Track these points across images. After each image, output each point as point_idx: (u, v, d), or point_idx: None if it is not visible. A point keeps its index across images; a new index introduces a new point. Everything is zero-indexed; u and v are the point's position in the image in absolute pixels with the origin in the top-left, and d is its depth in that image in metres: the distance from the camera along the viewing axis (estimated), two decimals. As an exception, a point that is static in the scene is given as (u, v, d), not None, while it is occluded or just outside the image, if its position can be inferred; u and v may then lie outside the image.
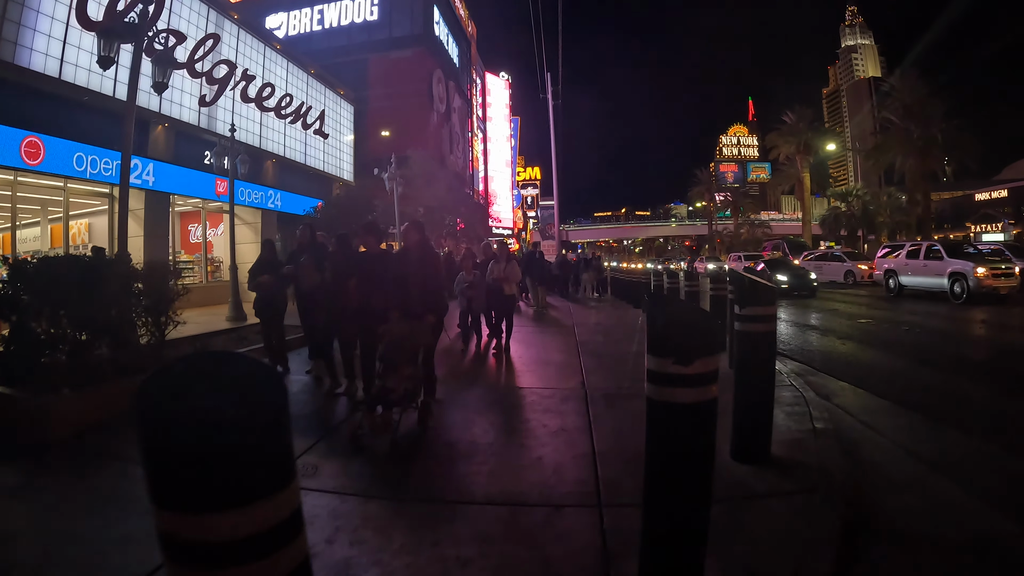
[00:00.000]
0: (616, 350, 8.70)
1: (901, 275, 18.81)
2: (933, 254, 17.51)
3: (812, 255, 29.64)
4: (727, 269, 36.70)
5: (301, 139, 24.12)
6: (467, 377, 7.07)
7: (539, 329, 11.94)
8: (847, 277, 25.95)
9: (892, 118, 36.01)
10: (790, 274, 20.37)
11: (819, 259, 28.33)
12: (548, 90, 35.54)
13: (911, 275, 18.35)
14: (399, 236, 19.14)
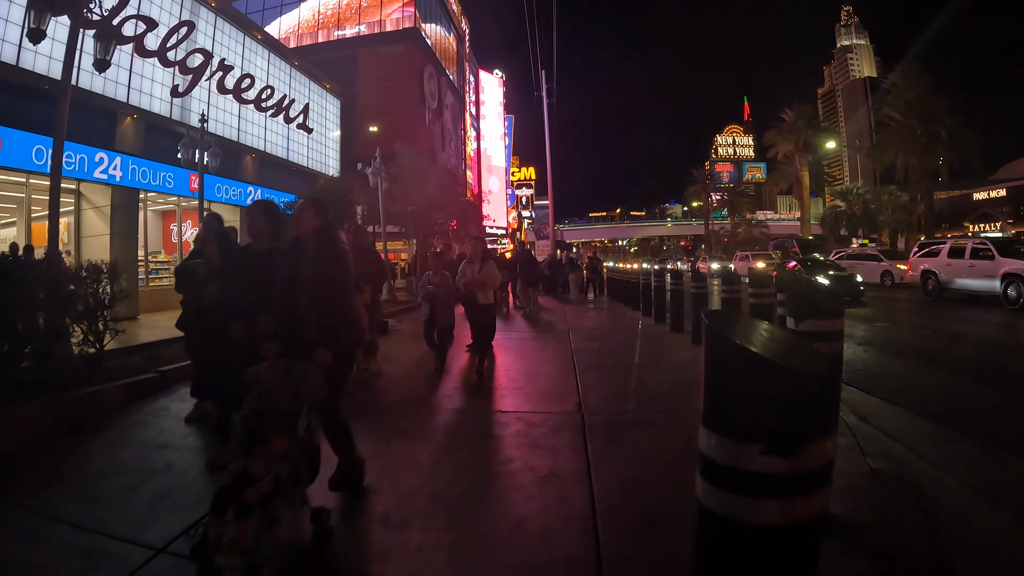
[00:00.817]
0: (616, 361, 7.69)
1: (942, 276, 16.91)
2: (981, 253, 15.66)
3: (842, 253, 26.53)
4: (732, 268, 35.05)
5: (283, 133, 23.08)
6: (433, 402, 5.82)
7: (530, 335, 10.94)
8: (884, 278, 23.50)
9: (894, 115, 35.15)
10: (833, 277, 17.24)
11: (852, 259, 25.35)
12: (543, 88, 34.97)
13: (954, 276, 16.50)
14: (383, 233, 18.14)
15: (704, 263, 44.61)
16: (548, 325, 12.36)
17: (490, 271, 7.08)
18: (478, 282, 7.05)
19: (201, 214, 14.52)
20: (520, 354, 8.63)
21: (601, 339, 9.80)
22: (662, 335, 10.18)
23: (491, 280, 7.09)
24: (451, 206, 21.74)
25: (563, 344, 9.14)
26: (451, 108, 42.98)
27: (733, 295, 7.52)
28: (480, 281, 7.05)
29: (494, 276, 7.11)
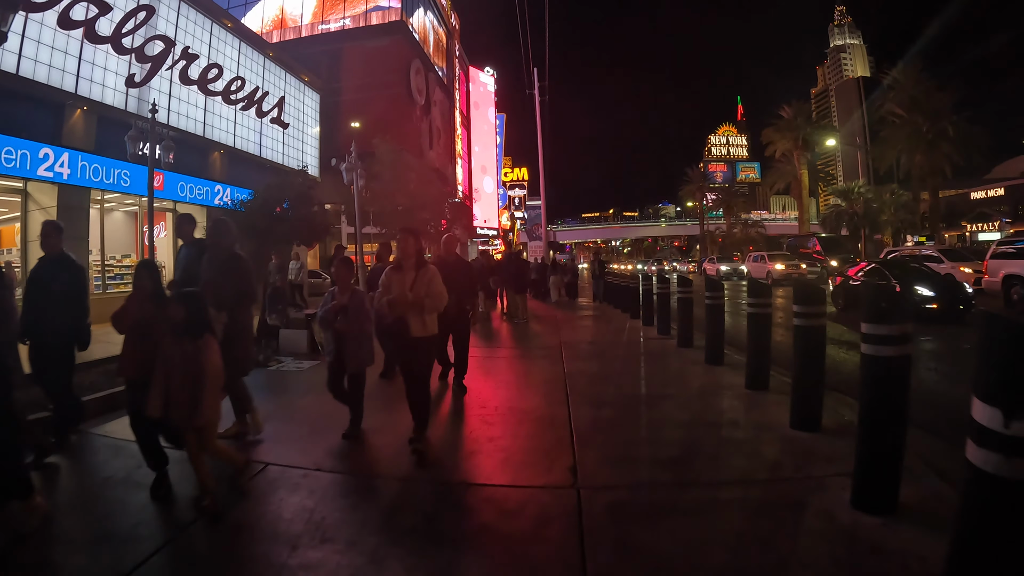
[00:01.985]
0: (619, 391, 6.28)
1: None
2: None
3: (894, 253, 22.32)
4: (744, 271, 33.42)
5: (255, 128, 21.57)
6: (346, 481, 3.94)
7: (516, 354, 9.49)
8: None
9: (898, 111, 34.01)
10: (933, 285, 12.51)
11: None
12: (535, 86, 33.94)
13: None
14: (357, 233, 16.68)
15: (711, 264, 41.81)
16: (537, 339, 10.92)
17: (430, 284, 4.39)
18: (409, 302, 4.32)
19: (151, 214, 12.98)
20: (501, 381, 7.17)
21: (599, 358, 8.34)
22: (669, 352, 8.76)
23: (432, 299, 4.37)
24: (437, 205, 20.29)
25: (554, 366, 7.69)
26: (440, 105, 41.52)
27: (761, 308, 6.08)
28: (412, 301, 4.32)
29: (436, 293, 4.38)
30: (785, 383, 6.20)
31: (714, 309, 7.56)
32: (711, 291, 7.63)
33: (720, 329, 7.59)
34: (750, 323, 6.10)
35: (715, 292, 7.62)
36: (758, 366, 6.08)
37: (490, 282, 12.49)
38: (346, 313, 4.75)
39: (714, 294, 7.62)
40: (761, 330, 6.03)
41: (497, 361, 8.67)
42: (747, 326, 6.16)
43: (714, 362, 7.50)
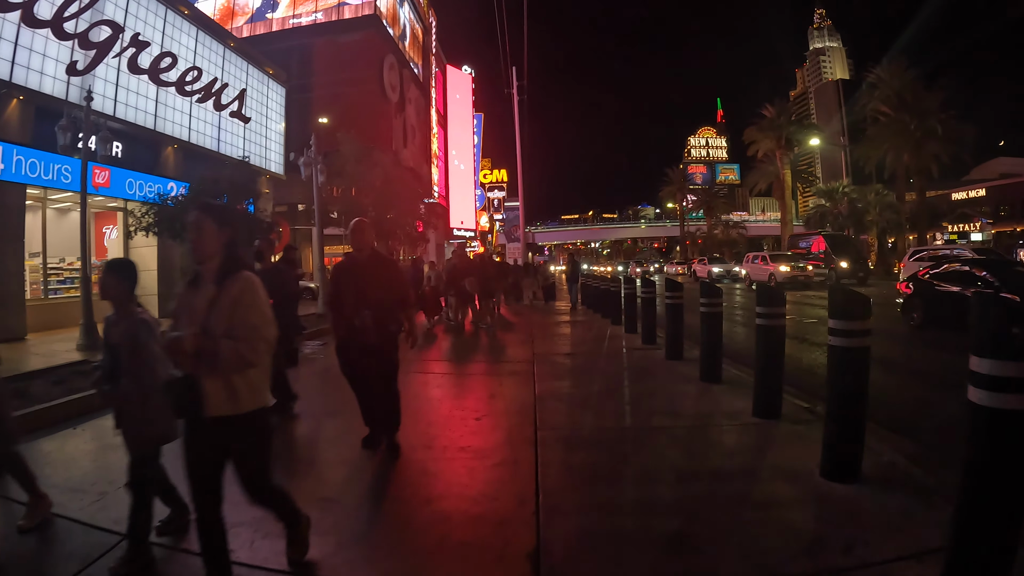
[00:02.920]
0: (603, 421, 5.21)
1: None
2: None
3: (921, 254, 19.85)
4: (741, 273, 30.57)
5: (213, 122, 20.23)
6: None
7: (479, 369, 8.38)
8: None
9: (885, 109, 33.43)
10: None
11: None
12: (513, 85, 33.16)
13: None
14: (318, 232, 15.49)
15: (702, 265, 39.20)
16: (507, 351, 9.83)
17: (235, 311, 2.40)
18: (188, 351, 2.32)
19: (84, 212, 11.67)
20: (456, 408, 6.01)
21: (576, 376, 7.23)
22: (656, 366, 7.70)
23: (236, 344, 2.35)
24: (408, 204, 19.11)
25: (522, 388, 6.57)
26: (415, 103, 40.28)
27: (773, 321, 5.00)
28: (193, 348, 2.32)
29: (246, 328, 2.38)
30: (800, 408, 5.16)
31: (711, 318, 6.49)
32: (707, 297, 6.56)
33: (718, 341, 6.52)
34: (761, 336, 5.05)
35: (712, 298, 6.55)
36: (769, 389, 5.02)
37: (466, 284, 11.34)
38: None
39: (711, 300, 6.55)
40: (773, 345, 4.98)
41: (456, 380, 7.55)
42: (757, 340, 5.10)
43: (711, 379, 6.45)
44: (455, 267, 11.99)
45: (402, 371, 4.70)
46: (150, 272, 17.92)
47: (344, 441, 4.71)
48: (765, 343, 5.00)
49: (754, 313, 5.15)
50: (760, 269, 27.16)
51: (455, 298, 12.19)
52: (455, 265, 12.24)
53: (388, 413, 4.58)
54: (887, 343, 9.28)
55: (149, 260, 17.79)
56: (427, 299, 11.87)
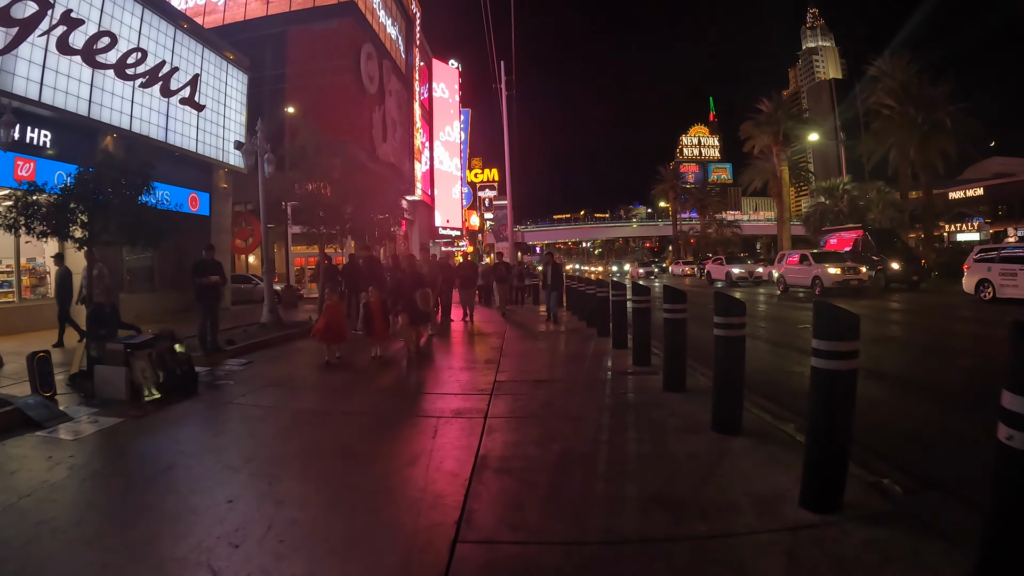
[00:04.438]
0: (583, 523, 3.36)
1: None
2: None
3: (992, 250, 16.63)
4: (776, 275, 24.81)
5: (160, 110, 18.27)
6: None
7: (409, 408, 6.49)
8: None
9: (889, 102, 31.75)
10: None
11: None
12: (501, 80, 31.76)
13: None
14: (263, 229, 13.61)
15: (718, 265, 33.45)
16: (465, 372, 7.97)
17: None
18: None
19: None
20: (344, 488, 4.14)
21: (543, 422, 5.36)
22: (652, 403, 5.93)
23: None
24: (376, 199, 17.22)
25: (462, 444, 4.72)
26: (397, 96, 38.30)
27: (841, 361, 3.20)
28: None
29: None
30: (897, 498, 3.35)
31: (731, 346, 4.68)
32: (727, 315, 4.72)
33: (738, 375, 4.73)
34: (823, 383, 3.24)
35: (731, 317, 4.72)
36: (832, 459, 3.23)
37: (417, 298, 9.05)
38: None
39: (730, 320, 4.72)
40: (841, 402, 3.19)
41: (376, 427, 5.57)
42: (814, 385, 3.29)
43: (727, 428, 4.71)
44: (404, 274, 9.39)
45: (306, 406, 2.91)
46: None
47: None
48: (827, 390, 3.22)
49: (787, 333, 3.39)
50: (801, 271, 22.39)
51: (403, 315, 9.01)
52: (405, 270, 9.51)
53: None
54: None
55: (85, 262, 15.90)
56: (372, 314, 9.14)
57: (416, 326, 9.23)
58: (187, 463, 4.54)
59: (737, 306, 4.72)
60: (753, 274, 30.70)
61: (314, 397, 6.82)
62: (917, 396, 6.57)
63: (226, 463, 4.45)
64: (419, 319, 9.26)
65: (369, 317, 9.09)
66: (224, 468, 4.34)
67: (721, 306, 4.72)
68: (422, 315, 9.29)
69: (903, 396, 6.55)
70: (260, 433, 5.33)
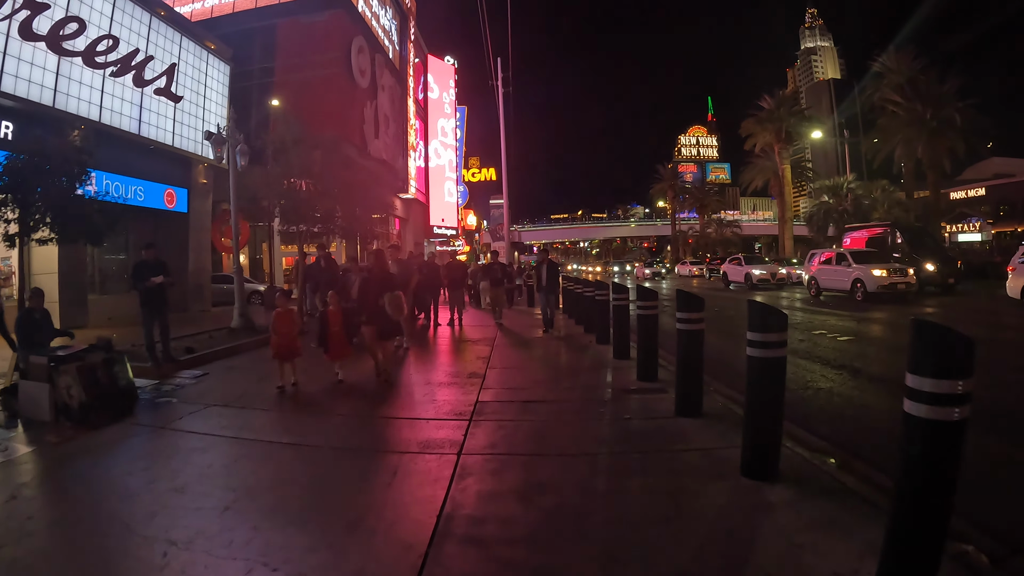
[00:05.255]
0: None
1: None
2: None
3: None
4: (806, 278, 22.53)
5: (133, 100, 17.24)
6: None
7: (382, 441, 5.45)
8: None
9: (896, 98, 30.79)
10: None
11: None
12: (498, 76, 30.97)
13: None
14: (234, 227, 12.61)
15: (736, 266, 29.78)
16: (441, 390, 6.97)
17: None
18: None
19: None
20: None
21: (532, 463, 4.33)
22: (662, 431, 4.95)
23: None
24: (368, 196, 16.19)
25: (423, 495, 3.73)
26: (390, 91, 37.28)
27: (950, 410, 2.25)
28: None
29: None
30: None
31: (770, 368, 3.70)
32: (762, 330, 3.73)
33: (777, 409, 3.75)
34: (929, 435, 2.29)
35: (770, 333, 3.73)
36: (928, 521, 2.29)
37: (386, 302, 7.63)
38: None
39: (769, 337, 3.73)
40: (947, 449, 2.25)
41: (325, 465, 4.58)
42: (905, 431, 2.35)
43: (760, 472, 3.74)
44: (369, 274, 7.69)
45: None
46: (49, 276, 15.06)
47: None
48: (932, 441, 2.26)
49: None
50: (838, 273, 19.92)
51: (369, 325, 7.33)
52: (371, 269, 7.80)
53: None
54: None
55: (50, 262, 14.94)
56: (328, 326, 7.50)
57: (385, 339, 7.42)
58: (79, 515, 3.57)
59: (776, 319, 3.73)
60: (776, 276, 27.41)
61: (261, 423, 5.79)
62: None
63: (125, 520, 3.48)
64: (388, 330, 7.42)
65: (325, 330, 7.44)
66: (121, 528, 3.37)
67: (757, 319, 3.74)
68: (392, 325, 7.46)
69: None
70: (182, 474, 4.34)
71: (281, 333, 7.09)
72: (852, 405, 6.22)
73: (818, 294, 20.91)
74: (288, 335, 7.12)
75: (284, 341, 7.08)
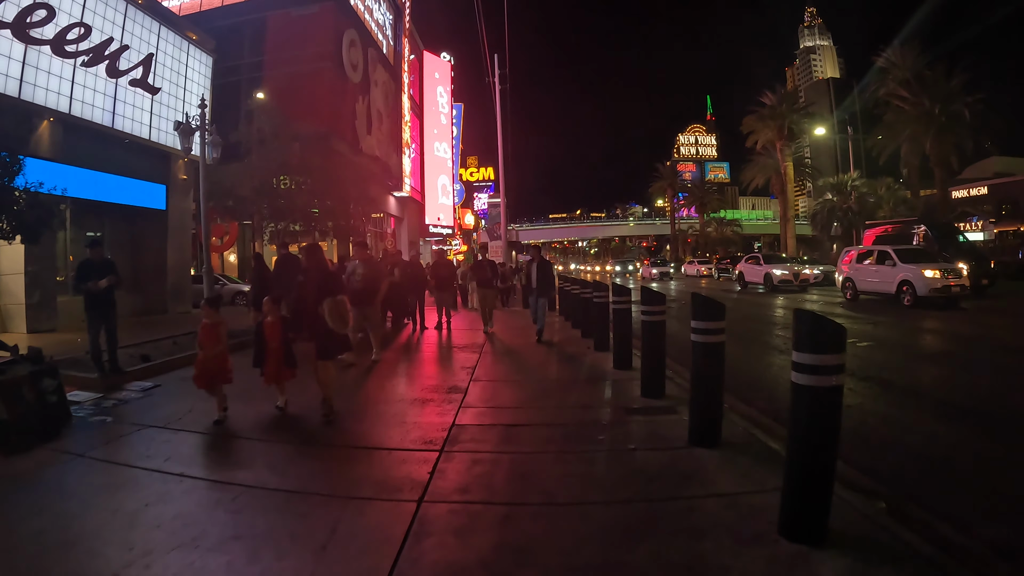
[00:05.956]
0: None
1: None
2: None
3: None
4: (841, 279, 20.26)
5: (107, 92, 16.35)
6: None
7: (322, 483, 4.55)
8: None
9: (903, 93, 29.94)
10: None
11: None
12: (494, 73, 30.33)
13: None
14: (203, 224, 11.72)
15: (753, 265, 27.05)
16: (412, 408, 6.07)
17: None
18: None
19: None
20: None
21: (512, 519, 3.43)
22: (675, 468, 4.09)
23: None
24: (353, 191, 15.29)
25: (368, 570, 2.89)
26: (383, 87, 36.38)
27: None
28: None
29: None
30: None
31: (824, 400, 2.84)
32: (814, 351, 2.85)
33: (830, 459, 2.89)
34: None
35: (823, 354, 2.84)
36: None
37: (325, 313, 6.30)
38: None
39: (823, 359, 2.84)
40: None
41: (217, 537, 3.77)
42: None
43: (814, 537, 2.86)
44: (308, 275, 6.04)
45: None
46: (16, 276, 14.22)
47: None
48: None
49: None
50: (880, 274, 17.77)
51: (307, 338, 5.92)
52: (309, 269, 6.08)
53: None
54: None
55: (16, 262, 14.09)
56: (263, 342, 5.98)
57: (326, 359, 5.75)
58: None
59: (832, 336, 2.86)
60: (799, 276, 24.76)
61: (190, 452, 4.86)
62: None
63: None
64: (329, 347, 5.75)
65: (261, 346, 5.97)
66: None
67: (807, 336, 2.87)
68: (334, 341, 5.72)
69: None
70: (79, 521, 3.48)
71: (206, 350, 5.74)
72: (934, 442, 5.10)
73: (854, 297, 18.98)
74: (214, 355, 5.74)
75: (208, 363, 5.69)
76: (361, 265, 8.54)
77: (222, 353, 5.84)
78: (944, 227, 22.72)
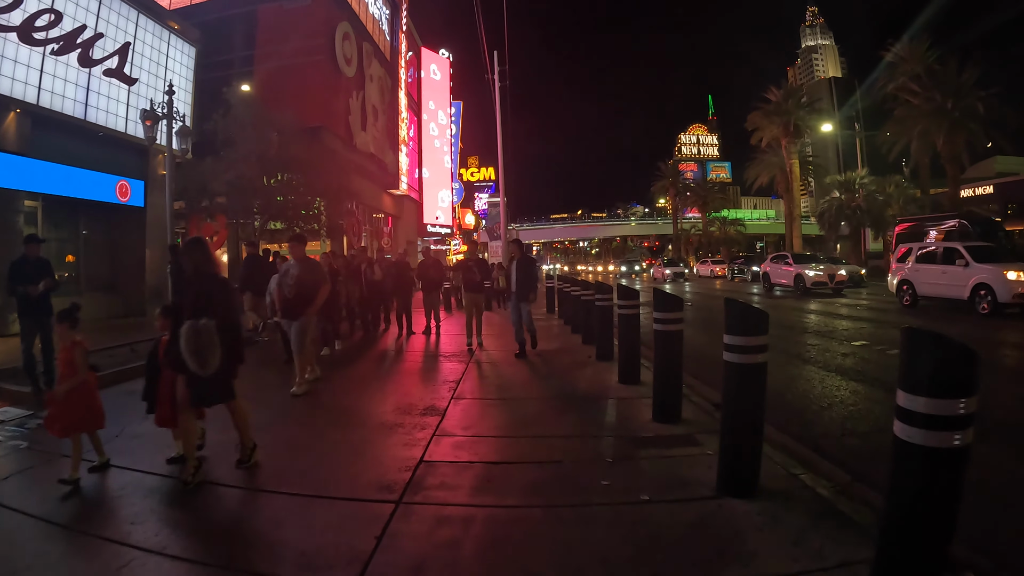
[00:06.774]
0: None
1: None
2: None
3: None
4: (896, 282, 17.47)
5: (79, 82, 15.45)
6: None
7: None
8: None
9: (913, 87, 29.03)
10: None
11: None
12: (494, 70, 30.04)
13: None
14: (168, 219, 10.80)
15: (781, 266, 24.47)
16: (377, 436, 5.01)
17: None
18: None
19: None
20: None
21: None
22: (716, 531, 3.14)
23: None
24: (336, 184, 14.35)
25: None
26: (379, 82, 35.45)
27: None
28: None
29: None
30: None
31: (947, 467, 1.92)
32: (934, 393, 1.92)
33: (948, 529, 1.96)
34: None
35: (951, 400, 1.91)
36: None
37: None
38: None
39: (953, 407, 1.92)
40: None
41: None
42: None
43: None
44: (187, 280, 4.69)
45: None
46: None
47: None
48: None
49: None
50: (948, 276, 15.09)
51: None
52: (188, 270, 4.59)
53: None
54: None
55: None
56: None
57: (202, 404, 4.33)
58: None
59: (963, 375, 1.92)
60: (835, 278, 22.00)
61: (90, 496, 3.94)
62: None
63: None
64: (202, 392, 4.14)
65: (153, 376, 4.48)
66: None
67: (923, 372, 1.94)
68: (209, 383, 4.05)
69: None
70: None
71: (62, 378, 4.29)
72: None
73: (913, 303, 16.39)
74: (75, 387, 4.21)
75: (73, 403, 4.17)
76: (296, 266, 6.94)
77: (85, 385, 4.28)
78: (986, 222, 20.11)
